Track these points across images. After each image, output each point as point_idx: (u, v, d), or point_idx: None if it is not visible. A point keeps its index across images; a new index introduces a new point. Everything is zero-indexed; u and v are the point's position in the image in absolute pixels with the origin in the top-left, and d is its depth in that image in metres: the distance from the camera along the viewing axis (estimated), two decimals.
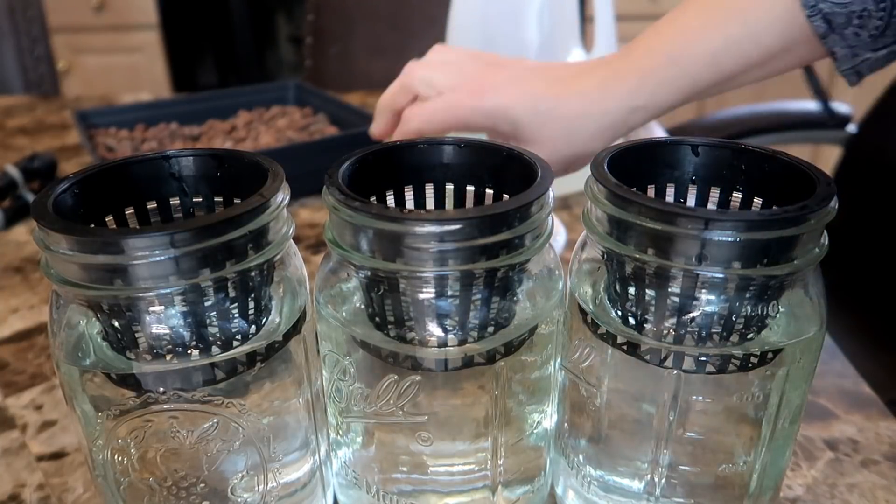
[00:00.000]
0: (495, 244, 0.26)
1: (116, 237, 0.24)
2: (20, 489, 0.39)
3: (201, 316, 0.27)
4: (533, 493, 0.35)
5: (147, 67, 2.13)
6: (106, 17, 2.08)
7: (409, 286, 0.27)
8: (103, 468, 0.30)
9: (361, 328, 0.30)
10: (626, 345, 0.30)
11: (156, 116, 0.87)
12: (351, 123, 0.83)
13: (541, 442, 0.34)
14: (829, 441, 0.42)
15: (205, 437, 0.29)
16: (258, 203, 0.27)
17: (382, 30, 1.29)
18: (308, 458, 0.33)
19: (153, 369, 0.27)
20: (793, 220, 0.26)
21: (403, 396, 0.30)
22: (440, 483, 0.32)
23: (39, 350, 0.52)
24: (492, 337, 0.29)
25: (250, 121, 0.87)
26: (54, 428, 0.44)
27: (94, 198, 0.29)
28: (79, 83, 2.12)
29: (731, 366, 0.29)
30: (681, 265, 0.27)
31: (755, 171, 0.31)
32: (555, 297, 0.31)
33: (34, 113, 1.10)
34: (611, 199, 0.28)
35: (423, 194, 0.34)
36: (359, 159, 0.31)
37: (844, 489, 0.39)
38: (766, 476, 0.32)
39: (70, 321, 0.28)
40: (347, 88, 1.17)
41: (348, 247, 0.28)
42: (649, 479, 0.32)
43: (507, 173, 0.32)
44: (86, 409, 0.29)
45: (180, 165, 0.31)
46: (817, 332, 0.30)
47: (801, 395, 0.31)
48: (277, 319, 0.30)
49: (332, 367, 0.32)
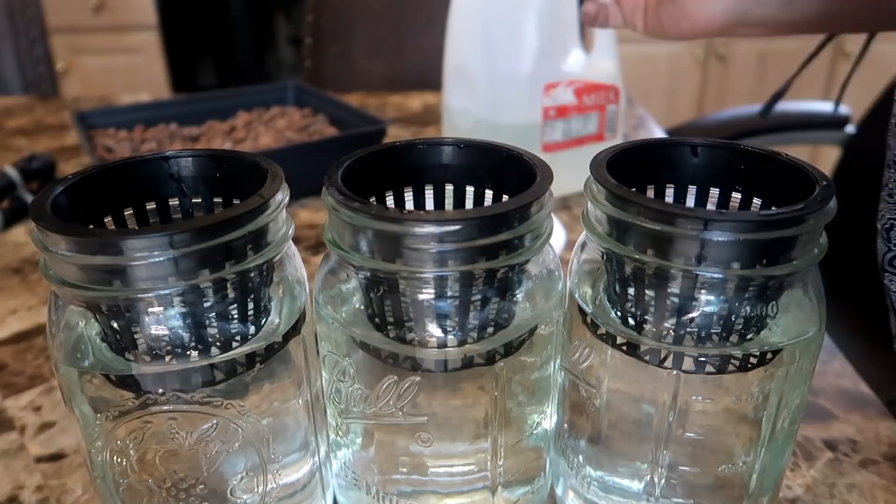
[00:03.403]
0: (495, 245, 0.26)
1: (115, 238, 0.24)
2: (19, 491, 0.39)
3: (200, 317, 0.27)
4: (533, 494, 0.35)
5: (146, 68, 2.13)
6: (105, 18, 2.08)
7: (408, 287, 0.27)
8: (102, 469, 0.30)
9: (361, 329, 0.30)
10: (626, 345, 0.30)
11: (155, 117, 0.87)
12: (350, 124, 0.83)
13: (540, 442, 0.34)
14: (829, 441, 0.42)
15: (204, 439, 0.29)
16: (257, 204, 0.26)
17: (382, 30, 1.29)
18: (308, 460, 0.33)
19: (152, 370, 0.27)
20: (792, 220, 0.26)
21: (403, 397, 0.30)
22: (440, 484, 0.32)
23: (38, 351, 0.52)
24: (491, 338, 0.29)
25: (250, 121, 0.87)
26: (53, 429, 0.44)
27: (92, 199, 0.29)
28: (78, 84, 2.11)
29: (731, 366, 0.29)
30: (680, 266, 0.27)
31: (754, 171, 0.31)
32: (554, 298, 0.31)
33: (33, 113, 1.10)
34: (610, 200, 0.28)
35: (423, 195, 0.34)
36: (358, 160, 0.31)
37: (844, 489, 0.39)
38: (765, 476, 0.32)
39: (69, 322, 0.28)
40: (347, 89, 1.17)
41: (348, 247, 0.28)
42: (649, 480, 0.32)
43: (506, 174, 0.32)
44: (85, 411, 0.29)
45: (179, 166, 0.31)
46: (816, 332, 0.30)
47: (801, 395, 0.31)
48: (277, 320, 0.30)
49: (331, 367, 0.32)
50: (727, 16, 0.46)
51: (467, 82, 0.72)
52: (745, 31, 0.48)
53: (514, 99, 0.70)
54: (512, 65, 0.69)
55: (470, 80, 0.72)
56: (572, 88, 0.71)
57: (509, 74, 0.69)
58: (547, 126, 0.71)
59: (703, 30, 0.47)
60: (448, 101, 0.76)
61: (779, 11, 0.45)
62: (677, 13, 0.47)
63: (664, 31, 0.49)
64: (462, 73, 0.73)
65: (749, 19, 0.46)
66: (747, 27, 0.47)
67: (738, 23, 0.46)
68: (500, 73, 0.70)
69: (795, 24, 0.46)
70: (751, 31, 0.47)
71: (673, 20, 0.48)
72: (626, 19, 0.52)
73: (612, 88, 0.73)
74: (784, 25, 0.47)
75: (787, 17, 0.46)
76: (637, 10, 0.51)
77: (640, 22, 0.51)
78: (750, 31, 0.48)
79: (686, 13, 0.47)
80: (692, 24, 0.47)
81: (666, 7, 0.48)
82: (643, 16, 0.51)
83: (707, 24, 0.47)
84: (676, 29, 0.48)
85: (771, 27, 0.47)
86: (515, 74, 0.69)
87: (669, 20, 0.48)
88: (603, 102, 0.73)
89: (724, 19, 0.46)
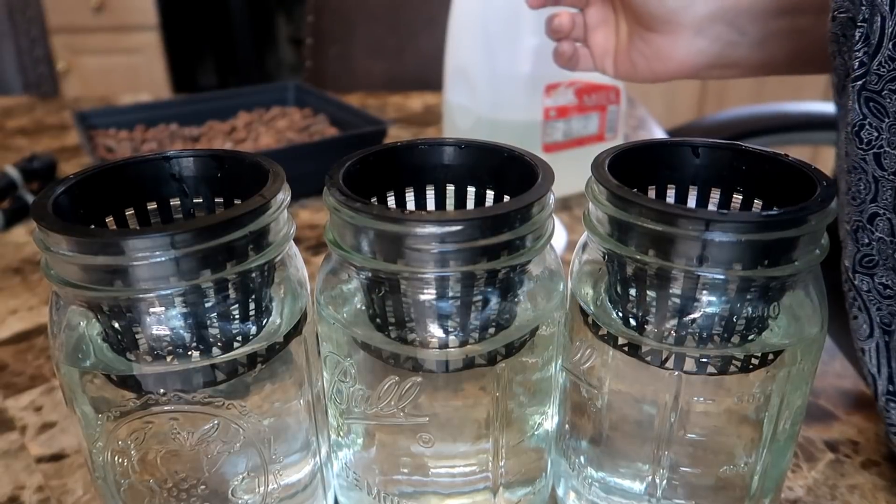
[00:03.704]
0: (496, 245, 0.26)
1: (116, 238, 0.24)
2: (19, 491, 0.39)
3: (202, 317, 0.27)
4: (534, 495, 0.35)
5: (147, 68, 2.13)
6: (105, 18, 2.08)
7: (410, 287, 0.27)
8: (103, 470, 0.30)
9: (362, 329, 0.30)
10: (627, 346, 0.30)
11: (156, 117, 0.87)
12: (351, 124, 0.83)
13: (542, 443, 0.34)
14: (830, 442, 0.42)
15: (205, 439, 0.29)
16: (259, 204, 0.26)
17: (382, 31, 1.29)
18: (309, 460, 0.33)
19: (153, 371, 0.27)
20: (793, 221, 0.26)
21: (404, 398, 0.30)
22: (441, 484, 0.32)
23: (39, 351, 0.52)
24: (493, 338, 0.29)
25: (250, 122, 0.87)
26: (54, 429, 0.44)
27: (93, 199, 0.29)
28: (78, 84, 2.11)
29: (732, 367, 0.29)
30: (682, 266, 0.27)
31: (756, 172, 0.31)
32: (556, 299, 0.31)
33: (34, 114, 1.10)
34: (612, 201, 0.28)
35: (424, 195, 0.34)
36: (359, 160, 0.31)
37: (845, 490, 0.39)
38: (766, 477, 0.32)
39: (70, 322, 0.28)
40: (347, 89, 1.17)
41: (349, 248, 0.28)
42: (650, 481, 0.32)
43: (507, 174, 0.32)
44: (86, 411, 0.29)
45: (180, 166, 0.31)
46: (818, 333, 0.30)
47: (802, 396, 0.31)
48: (278, 321, 0.30)
49: (332, 368, 0.32)
50: (701, 57, 0.47)
51: (468, 83, 0.72)
52: (718, 73, 0.48)
53: (515, 99, 0.70)
54: (512, 65, 0.69)
55: (470, 80, 0.72)
56: (573, 89, 0.71)
57: (510, 75, 0.69)
58: (548, 126, 0.71)
59: (676, 71, 0.48)
60: (448, 102, 0.76)
61: (750, 52, 0.46)
62: (652, 55, 0.48)
63: (637, 72, 0.50)
64: (462, 73, 0.73)
65: (722, 60, 0.47)
66: (720, 68, 0.48)
67: (711, 64, 0.47)
68: (500, 73, 0.70)
69: (767, 65, 0.47)
70: (724, 72, 0.48)
71: (647, 61, 0.48)
72: (595, 63, 0.52)
73: (613, 89, 0.73)
74: (756, 66, 0.47)
75: (758, 58, 0.46)
76: (607, 54, 0.51)
77: (611, 65, 0.51)
78: (723, 73, 0.48)
79: (660, 55, 0.47)
80: (666, 65, 0.48)
81: (640, 49, 0.48)
82: (613, 59, 0.51)
83: (681, 65, 0.47)
84: (650, 70, 0.49)
85: (743, 68, 0.48)
86: (516, 75, 0.69)
87: (643, 62, 0.48)
88: (604, 103, 0.73)
89: (697, 60, 0.47)
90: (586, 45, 0.52)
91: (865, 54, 0.33)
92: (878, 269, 0.35)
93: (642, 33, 0.48)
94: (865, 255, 0.35)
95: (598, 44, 0.51)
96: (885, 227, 0.34)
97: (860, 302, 0.36)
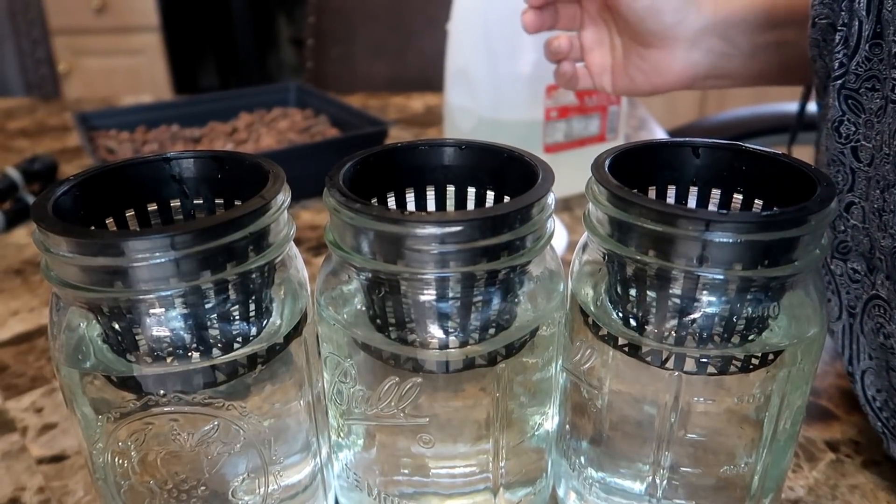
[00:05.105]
0: (496, 246, 0.26)
1: (117, 239, 0.24)
2: (20, 492, 0.39)
3: (202, 318, 0.27)
4: (534, 495, 0.35)
5: (148, 69, 2.14)
6: (107, 20, 2.08)
7: (410, 288, 0.27)
8: (104, 471, 0.30)
9: (362, 330, 0.30)
10: (628, 346, 0.30)
11: (157, 118, 0.87)
12: (352, 125, 0.83)
13: (542, 444, 0.34)
14: (831, 442, 0.42)
15: (205, 440, 0.29)
16: (259, 205, 0.26)
17: (383, 32, 1.29)
18: (309, 461, 0.33)
19: (154, 372, 0.27)
20: (793, 221, 0.26)
21: (405, 398, 0.30)
22: (441, 485, 0.32)
23: (39, 353, 0.52)
24: (493, 339, 0.29)
25: (251, 123, 0.87)
26: (54, 431, 0.44)
27: (94, 200, 0.29)
28: (79, 85, 2.12)
29: (733, 367, 0.29)
30: (682, 267, 0.27)
31: (756, 172, 0.31)
32: (556, 299, 0.31)
33: (35, 115, 1.10)
34: (612, 201, 0.28)
35: (424, 196, 0.34)
36: (360, 161, 0.31)
37: (846, 490, 0.39)
38: (767, 477, 0.32)
39: (70, 324, 0.28)
40: (349, 90, 1.17)
41: (349, 249, 0.28)
42: (651, 481, 0.32)
43: (507, 175, 0.32)
44: (86, 412, 0.29)
45: (181, 167, 0.31)
46: (818, 332, 0.30)
47: (803, 396, 0.31)
48: (278, 321, 0.30)
49: (333, 369, 0.32)
50: (696, 69, 0.49)
51: (469, 83, 0.72)
52: (713, 83, 0.51)
53: (516, 100, 0.70)
54: (513, 66, 0.69)
55: (471, 81, 0.72)
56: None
57: (510, 75, 0.69)
58: (548, 127, 0.71)
59: (674, 83, 0.50)
60: (449, 103, 0.76)
61: (742, 63, 0.49)
62: (650, 69, 0.50)
63: (636, 87, 0.51)
64: (463, 74, 0.73)
65: (716, 71, 0.49)
66: (714, 79, 0.50)
67: (706, 75, 0.49)
68: (501, 73, 0.70)
69: (759, 76, 0.50)
70: (718, 82, 0.51)
71: (646, 76, 0.50)
72: (594, 81, 0.53)
73: None
74: (748, 77, 0.50)
75: (750, 68, 0.49)
76: (605, 71, 0.53)
77: (609, 82, 0.53)
78: (717, 83, 0.51)
79: (658, 68, 0.49)
80: (664, 78, 0.50)
81: (637, 64, 0.50)
82: (611, 76, 0.53)
83: (678, 76, 0.49)
84: (649, 84, 0.51)
85: (736, 78, 0.50)
86: (517, 75, 0.69)
87: (642, 76, 0.50)
88: (604, 103, 0.73)
89: (693, 72, 0.49)
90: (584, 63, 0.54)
91: (845, 55, 0.35)
92: (850, 255, 0.37)
93: (639, 50, 0.50)
94: (841, 241, 0.37)
95: (595, 63, 0.53)
96: (858, 215, 0.36)
97: (833, 285, 0.38)
